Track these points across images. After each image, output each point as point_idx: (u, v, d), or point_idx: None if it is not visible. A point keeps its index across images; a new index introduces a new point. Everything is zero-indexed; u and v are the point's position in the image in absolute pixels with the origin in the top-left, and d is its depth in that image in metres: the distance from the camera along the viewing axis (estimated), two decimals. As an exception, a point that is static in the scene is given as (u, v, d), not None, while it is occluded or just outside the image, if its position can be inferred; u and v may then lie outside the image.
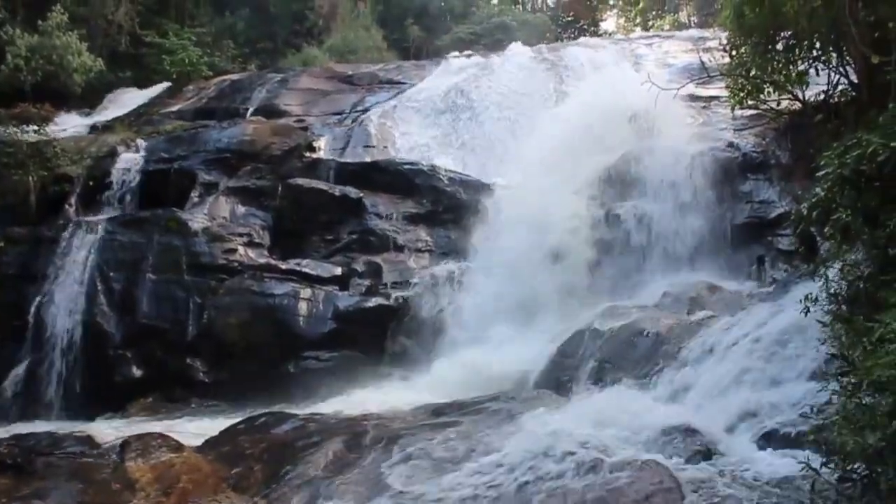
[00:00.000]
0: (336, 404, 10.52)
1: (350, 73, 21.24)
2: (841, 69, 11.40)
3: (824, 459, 4.57)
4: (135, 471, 6.64)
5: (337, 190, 15.11)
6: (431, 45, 30.37)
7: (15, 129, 15.50)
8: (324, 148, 16.78)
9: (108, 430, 9.75)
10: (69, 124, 18.91)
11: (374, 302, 13.27)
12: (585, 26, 35.28)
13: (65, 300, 13.38)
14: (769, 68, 12.13)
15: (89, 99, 21.89)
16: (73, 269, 13.65)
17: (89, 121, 19.92)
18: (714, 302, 10.45)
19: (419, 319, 12.99)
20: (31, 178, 14.97)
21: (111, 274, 13.60)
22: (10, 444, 7.33)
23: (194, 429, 9.54)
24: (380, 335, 12.95)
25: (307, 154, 16.33)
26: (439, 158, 16.26)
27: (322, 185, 15.28)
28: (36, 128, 15.77)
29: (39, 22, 21.91)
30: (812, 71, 12.01)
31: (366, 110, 18.43)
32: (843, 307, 5.98)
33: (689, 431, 6.47)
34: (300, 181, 15.32)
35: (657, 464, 5.73)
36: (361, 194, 14.99)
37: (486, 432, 6.88)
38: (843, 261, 6.25)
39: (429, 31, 31.77)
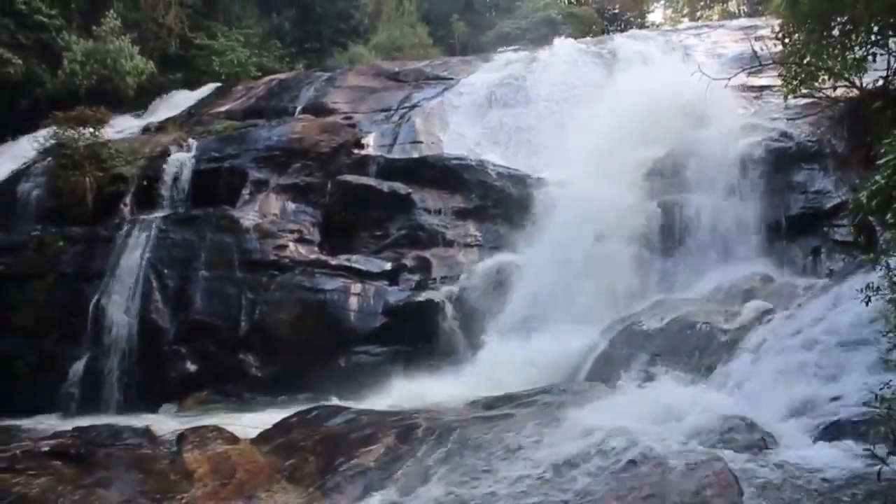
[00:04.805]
0: (387, 398, 10.61)
1: (396, 69, 21.28)
2: (901, 54, 11.12)
3: (890, 450, 4.45)
4: (192, 462, 6.74)
5: (385, 186, 15.18)
6: (477, 41, 30.30)
7: (72, 131, 15.88)
8: (372, 144, 16.87)
9: (164, 423, 9.93)
10: (123, 126, 19.26)
11: (423, 296, 13.31)
12: (632, 18, 34.90)
13: (121, 297, 13.63)
14: (824, 55, 11.86)
15: (141, 101, 22.30)
16: (128, 267, 13.91)
17: (142, 122, 20.29)
18: (768, 294, 10.27)
19: (469, 314, 13.00)
20: (87, 179, 15.29)
21: (165, 271, 13.85)
22: (72, 436, 7.50)
23: (248, 422, 9.61)
24: (430, 329, 12.98)
25: (355, 151, 16.46)
26: (487, 153, 16.23)
27: (371, 182, 15.38)
28: (92, 130, 16.10)
29: (94, 27, 22.46)
30: (869, 57, 11.69)
31: (413, 107, 18.46)
32: (906, 297, 5.81)
33: (745, 424, 6.35)
34: (349, 178, 15.43)
35: (713, 456, 5.63)
36: (410, 190, 15.05)
37: (538, 425, 6.83)
38: (907, 248, 6.07)
39: (474, 27, 31.70)
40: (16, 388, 12.84)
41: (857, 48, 11.71)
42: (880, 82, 11.59)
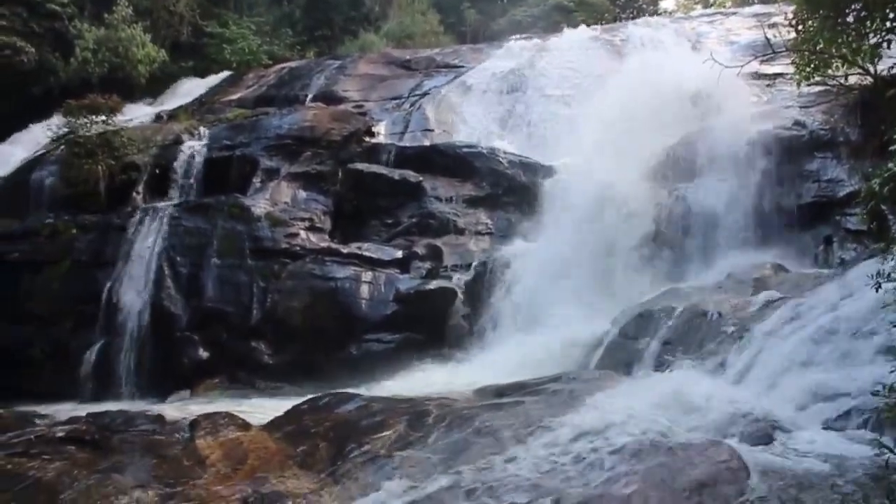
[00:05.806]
0: (398, 385, 10.64)
1: (407, 57, 21.31)
2: (917, 41, 10.95)
3: (898, 438, 4.46)
4: (204, 448, 6.78)
5: (396, 174, 15.21)
6: (488, 29, 30.26)
7: (85, 119, 15.96)
8: (383, 132, 16.94)
9: (177, 410, 10.02)
10: (135, 114, 19.41)
11: (434, 284, 13.35)
12: (644, 5, 34.67)
13: (134, 285, 13.78)
14: (838, 42, 11.73)
15: (153, 89, 22.45)
16: (141, 255, 14.05)
17: (154, 110, 20.43)
18: (779, 283, 10.21)
19: (480, 301, 13.02)
20: (100, 167, 15.43)
21: (177, 259, 13.95)
22: (87, 422, 7.56)
23: (259, 409, 9.69)
24: (441, 317, 13.03)
25: (366, 139, 16.53)
26: (498, 141, 16.24)
27: (382, 170, 15.41)
28: (104, 118, 16.20)
29: (106, 15, 22.57)
30: (884, 44, 11.56)
31: (424, 94, 18.49)
32: (917, 286, 5.77)
33: (755, 413, 6.36)
34: (360, 166, 15.46)
35: (722, 444, 5.65)
36: (421, 178, 15.08)
37: (549, 412, 6.85)
38: (918, 236, 6.03)
39: (485, 15, 31.64)
40: (31, 375, 13.02)
41: (871, 35, 11.55)
42: (895, 70, 11.45)
